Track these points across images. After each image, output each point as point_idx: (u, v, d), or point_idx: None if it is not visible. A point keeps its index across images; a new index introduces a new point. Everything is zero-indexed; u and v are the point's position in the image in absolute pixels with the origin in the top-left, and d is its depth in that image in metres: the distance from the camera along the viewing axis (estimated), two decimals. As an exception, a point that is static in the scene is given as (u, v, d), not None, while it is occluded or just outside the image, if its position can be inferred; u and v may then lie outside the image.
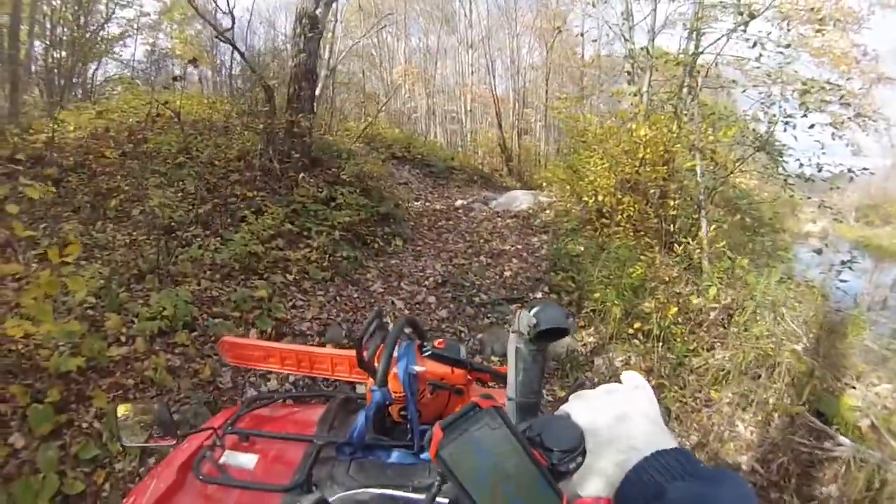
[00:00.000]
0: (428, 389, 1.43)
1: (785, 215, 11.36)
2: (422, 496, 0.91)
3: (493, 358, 4.55)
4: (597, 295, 5.47)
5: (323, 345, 4.63)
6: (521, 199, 9.97)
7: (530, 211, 9.30)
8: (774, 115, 6.61)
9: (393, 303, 5.60)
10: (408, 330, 1.54)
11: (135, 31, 13.39)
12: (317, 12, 7.73)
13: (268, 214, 6.00)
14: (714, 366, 4.46)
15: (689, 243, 6.17)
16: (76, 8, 10.48)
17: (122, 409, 1.51)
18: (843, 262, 6.03)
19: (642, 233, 7.07)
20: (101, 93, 11.29)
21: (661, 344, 4.74)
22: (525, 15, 19.74)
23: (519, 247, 7.65)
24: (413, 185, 10.65)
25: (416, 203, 9.50)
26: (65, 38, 10.49)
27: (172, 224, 5.44)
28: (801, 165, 6.65)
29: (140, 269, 4.73)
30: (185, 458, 1.49)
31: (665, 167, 7.03)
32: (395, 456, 1.39)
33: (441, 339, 1.50)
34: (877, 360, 4.23)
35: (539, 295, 5.96)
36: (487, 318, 5.54)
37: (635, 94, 8.01)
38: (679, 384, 4.33)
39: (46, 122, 7.20)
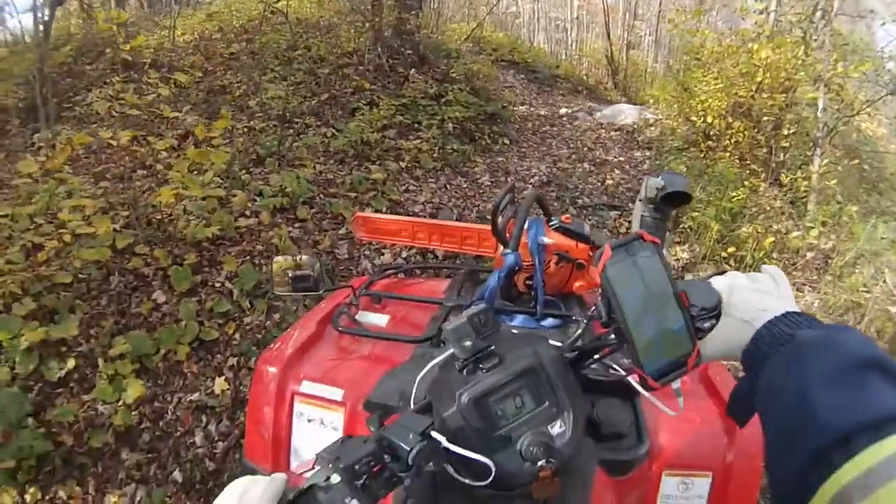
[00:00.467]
0: (553, 260, 1.49)
1: None
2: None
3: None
4: (695, 213, 5.38)
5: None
6: (626, 113, 9.64)
7: (635, 126, 9.01)
8: None
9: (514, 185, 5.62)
10: (535, 207, 1.60)
11: None
12: None
13: (380, 107, 6.14)
14: (802, 307, 4.25)
15: (799, 177, 5.87)
16: None
17: (277, 261, 1.64)
18: None
19: (748, 161, 6.79)
20: (198, 0, 11.39)
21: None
22: None
23: (621, 159, 7.52)
24: (518, 90, 10.43)
25: (521, 107, 9.35)
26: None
27: (287, 115, 5.62)
28: None
29: (258, 155, 4.99)
30: (324, 314, 1.63)
31: (783, 95, 6.56)
32: (518, 320, 1.47)
33: (567, 215, 1.53)
34: None
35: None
36: (589, 220, 5.53)
37: (761, 13, 7.40)
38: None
39: (152, 32, 7.59)
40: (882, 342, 3.87)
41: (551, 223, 1.53)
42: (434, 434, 0.75)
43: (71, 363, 2.96)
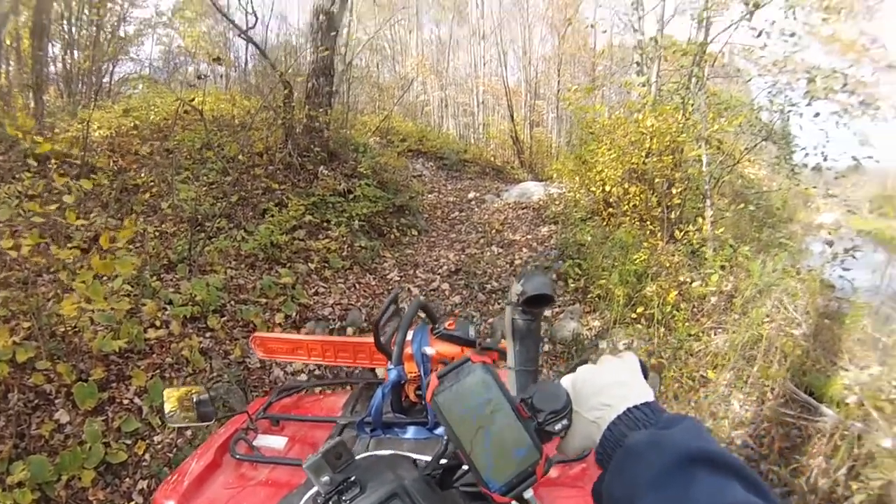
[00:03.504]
0: (439, 368, 1.55)
1: (798, 207, 11.43)
2: (428, 457, 0.96)
3: (502, 340, 4.82)
4: (602, 281, 5.69)
5: (343, 329, 4.91)
6: (532, 191, 10.12)
7: (541, 202, 9.46)
8: (781, 104, 6.74)
9: (409, 290, 5.87)
10: (421, 314, 1.64)
11: (150, 30, 13.62)
12: (333, 9, 7.94)
13: (290, 207, 6.29)
14: (713, 350, 4.67)
15: (690, 231, 6.34)
16: (94, 9, 10.65)
17: (167, 393, 1.69)
18: (845, 251, 6.19)
19: (647, 222, 7.21)
20: (117, 92, 11.46)
21: (662, 328, 4.96)
22: (537, 5, 19.84)
23: (529, 237, 7.86)
24: (426, 178, 10.89)
25: (430, 195, 9.73)
26: (81, 38, 10.66)
27: (198, 217, 5.67)
28: (807, 155, 6.77)
29: (170, 260, 5.01)
30: (222, 441, 1.63)
31: (671, 157, 7.12)
32: (411, 431, 1.49)
33: (451, 321, 1.57)
34: (874, 345, 4.42)
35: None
36: (498, 303, 5.79)
37: (643, 85, 8.19)
38: (679, 366, 4.54)
39: (70, 122, 7.48)
40: (786, 365, 4.16)
41: (435, 331, 1.55)
42: None
43: None
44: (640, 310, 5.26)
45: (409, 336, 1.51)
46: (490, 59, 19.64)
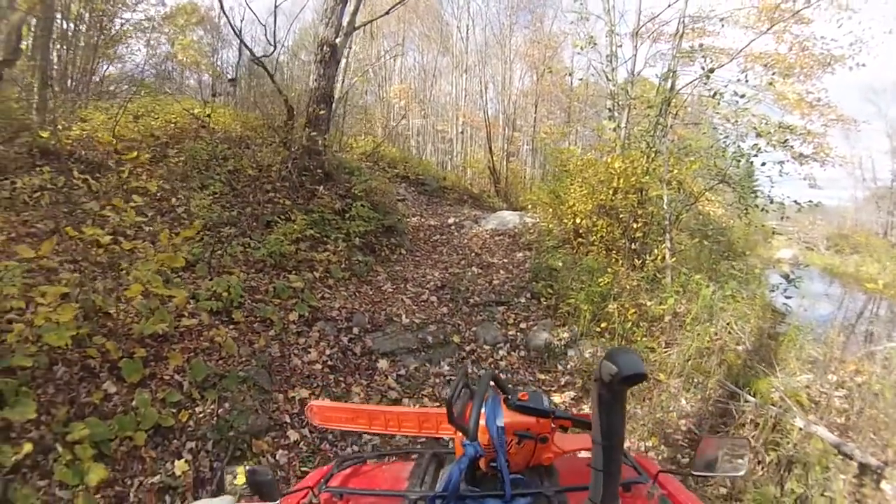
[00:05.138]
0: (515, 440, 1.49)
1: (758, 243, 12.39)
2: None
3: (485, 346, 5.56)
4: (571, 300, 6.46)
5: (351, 328, 5.58)
6: (508, 219, 10.77)
7: (516, 230, 10.13)
8: (734, 153, 7.66)
9: (403, 300, 6.55)
10: (491, 384, 1.61)
11: (146, 34, 13.60)
12: (336, 41, 8.65)
13: (294, 221, 6.85)
14: (668, 361, 5.48)
15: (649, 260, 7.19)
16: (91, 9, 10.71)
17: (240, 474, 1.75)
18: (788, 280, 7.12)
19: (612, 251, 8.01)
20: (113, 92, 11.35)
21: (623, 341, 5.75)
22: (518, 44, 20.81)
23: (505, 260, 8.56)
24: (409, 202, 11.51)
25: (413, 219, 10.32)
26: (77, 36, 10.62)
27: (210, 223, 6.22)
28: (756, 196, 7.68)
29: (186, 261, 5.44)
30: None
31: (636, 195, 7.97)
32: None
33: (524, 392, 1.56)
34: (807, 360, 5.28)
35: (522, 300, 6.95)
36: (480, 315, 6.53)
37: (614, 130, 9.04)
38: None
39: (70, 119, 7.79)
40: (724, 369, 5.09)
41: (508, 402, 1.54)
42: None
43: (28, 447, 3.07)
44: (603, 325, 6.03)
45: (483, 409, 1.49)
46: (471, 91, 20.49)
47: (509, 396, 1.55)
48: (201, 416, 3.95)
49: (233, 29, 8.93)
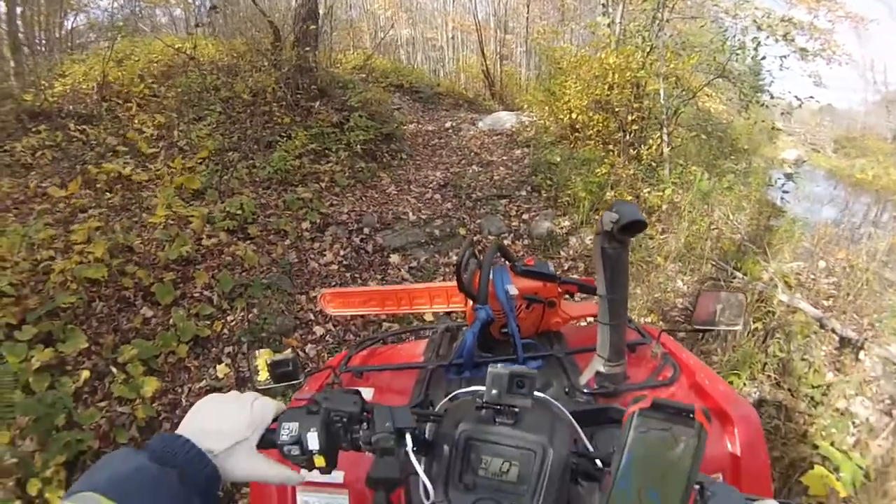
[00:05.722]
0: (524, 304, 1.54)
1: (762, 142, 12.32)
2: None
3: (489, 236, 5.85)
4: (570, 190, 6.67)
5: (362, 228, 5.82)
6: (504, 120, 10.78)
7: (513, 129, 10.17)
8: (733, 46, 7.58)
9: (408, 200, 6.80)
10: (498, 255, 1.64)
11: None
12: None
13: (294, 138, 7.04)
14: (664, 248, 5.75)
15: (644, 150, 7.38)
16: None
17: (261, 357, 1.62)
18: (786, 176, 7.27)
19: (609, 144, 8.15)
20: (84, 45, 10.90)
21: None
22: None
23: (505, 158, 8.68)
24: (405, 110, 11.48)
25: (410, 125, 10.38)
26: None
27: (212, 152, 6.39)
28: (756, 92, 7.64)
29: (195, 189, 5.69)
30: (308, 398, 1.78)
31: (631, 91, 7.99)
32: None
33: (530, 258, 1.63)
34: (801, 251, 5.56)
35: (523, 193, 7.14)
36: (483, 208, 6.75)
37: (608, 26, 8.87)
38: (637, 255, 5.53)
39: (47, 77, 7.77)
40: (727, 258, 5.38)
41: (516, 268, 1.59)
42: (407, 436, 0.82)
43: (85, 374, 3.41)
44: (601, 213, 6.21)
45: (491, 276, 1.52)
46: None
47: (516, 263, 1.61)
48: (233, 323, 4.28)
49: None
